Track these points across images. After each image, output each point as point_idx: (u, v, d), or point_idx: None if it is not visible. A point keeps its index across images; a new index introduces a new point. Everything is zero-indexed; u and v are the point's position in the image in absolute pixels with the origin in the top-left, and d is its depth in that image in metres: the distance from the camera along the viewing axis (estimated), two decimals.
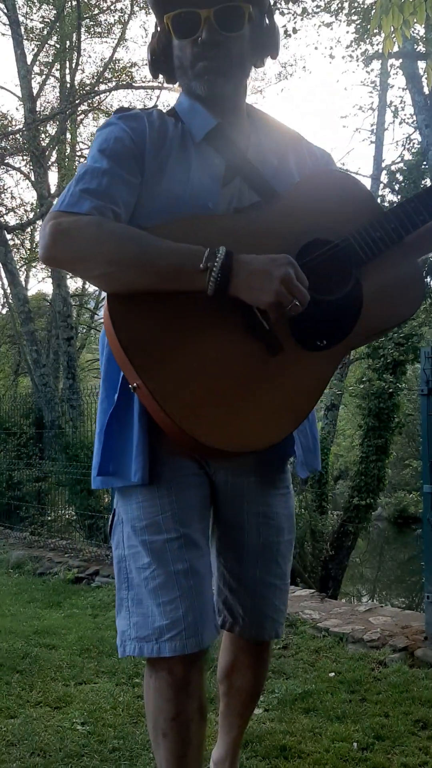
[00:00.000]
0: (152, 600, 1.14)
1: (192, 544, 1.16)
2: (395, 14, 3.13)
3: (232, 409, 1.06)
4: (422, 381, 3.07)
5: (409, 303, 1.15)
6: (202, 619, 1.13)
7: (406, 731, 2.02)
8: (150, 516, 1.17)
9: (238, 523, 1.28)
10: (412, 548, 14.68)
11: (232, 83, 1.18)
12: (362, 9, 7.63)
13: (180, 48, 1.17)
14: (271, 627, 1.31)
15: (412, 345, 8.89)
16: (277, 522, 1.29)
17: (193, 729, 1.15)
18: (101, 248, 1.07)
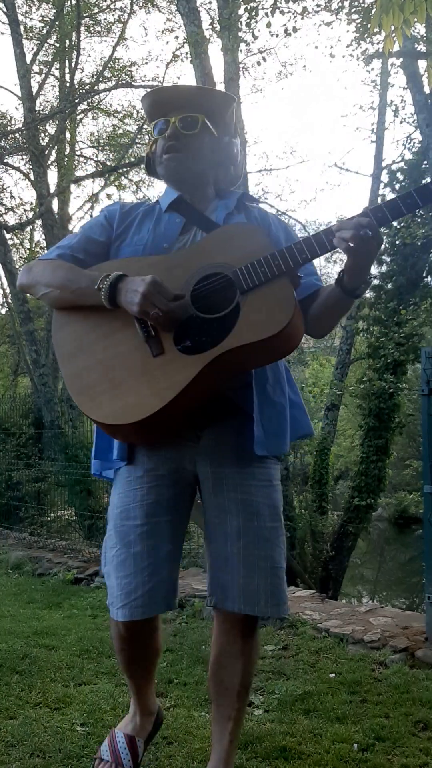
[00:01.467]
0: (114, 574, 1.47)
1: (154, 532, 1.45)
2: (396, 13, 3.12)
3: (120, 393, 1.40)
4: (422, 381, 3.07)
5: (275, 323, 1.33)
6: (149, 594, 1.43)
7: (407, 732, 2.02)
8: (123, 504, 1.49)
9: (222, 508, 1.49)
10: (413, 549, 14.67)
11: (188, 167, 1.58)
12: (363, 8, 7.62)
13: (157, 144, 1.60)
14: (260, 603, 1.45)
15: (412, 345, 8.88)
16: (256, 509, 1.47)
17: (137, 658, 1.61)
18: (43, 276, 1.55)
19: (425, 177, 9.18)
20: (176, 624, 3.41)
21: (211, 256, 1.43)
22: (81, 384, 1.45)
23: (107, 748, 1.64)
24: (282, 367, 1.55)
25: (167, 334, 1.40)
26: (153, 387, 1.37)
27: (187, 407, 1.40)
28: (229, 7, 8.00)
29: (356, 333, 10.71)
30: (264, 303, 1.36)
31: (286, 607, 1.49)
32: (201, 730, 2.00)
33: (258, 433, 1.45)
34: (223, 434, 1.50)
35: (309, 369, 17.89)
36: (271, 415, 1.47)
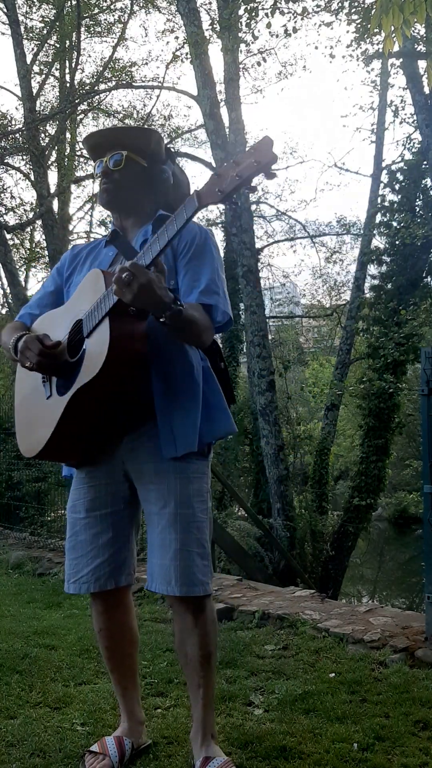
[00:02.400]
0: (67, 557, 1.80)
1: (94, 523, 1.74)
2: (395, 13, 3.12)
3: (30, 430, 1.75)
4: (422, 381, 3.07)
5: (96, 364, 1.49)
6: (92, 573, 1.74)
7: (407, 732, 2.02)
8: (73, 500, 1.80)
9: (144, 499, 1.73)
10: (413, 549, 14.68)
11: (119, 198, 1.79)
12: (362, 8, 7.62)
13: None
14: (171, 582, 1.62)
15: (412, 345, 8.88)
16: (170, 498, 1.65)
17: (113, 639, 1.85)
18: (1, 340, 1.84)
19: (425, 177, 9.19)
20: None
21: (79, 305, 1.66)
22: (17, 421, 1.84)
23: (96, 745, 1.81)
24: (197, 370, 1.66)
25: (51, 381, 1.68)
26: (43, 425, 1.66)
27: (76, 434, 1.67)
28: (229, 7, 8.00)
29: (356, 333, 10.72)
30: (93, 347, 1.54)
31: (199, 588, 1.63)
32: None
33: (163, 436, 1.64)
34: (140, 437, 1.69)
35: (309, 369, 17.89)
36: (178, 417, 1.64)
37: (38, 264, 16.12)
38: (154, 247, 1.46)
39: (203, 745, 1.68)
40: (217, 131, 8.35)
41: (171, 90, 13.94)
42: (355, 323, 10.52)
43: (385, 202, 9.85)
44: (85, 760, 1.76)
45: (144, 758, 1.82)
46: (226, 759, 1.66)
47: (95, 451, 1.75)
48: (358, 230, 13.95)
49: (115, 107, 14.71)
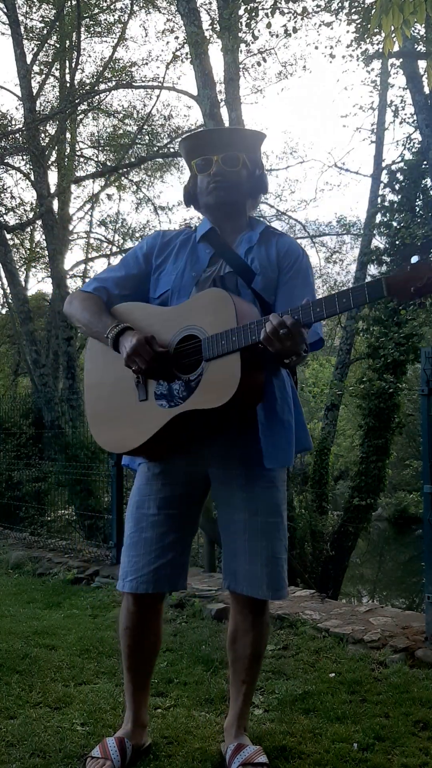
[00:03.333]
0: (126, 553, 1.76)
1: (163, 522, 1.73)
2: (395, 14, 3.12)
3: (114, 426, 1.76)
4: (422, 381, 3.07)
5: (218, 398, 1.55)
6: (154, 573, 1.71)
7: (407, 732, 2.02)
8: (141, 496, 1.78)
9: (230, 505, 1.73)
10: (413, 549, 14.68)
11: (231, 198, 1.80)
12: (362, 8, 7.62)
13: (200, 180, 1.83)
14: (262, 587, 1.69)
15: (412, 345, 8.88)
16: (259, 506, 1.70)
17: (138, 639, 1.81)
18: (76, 312, 1.83)
19: (425, 177, 9.19)
20: (176, 624, 3.41)
21: (195, 317, 1.66)
22: (93, 411, 1.82)
23: (97, 749, 1.80)
24: (289, 389, 1.74)
25: (150, 384, 1.70)
26: (135, 428, 1.69)
27: (165, 442, 1.69)
28: (229, 7, 8.00)
29: (356, 333, 10.72)
30: (217, 375, 1.58)
31: (284, 591, 1.73)
32: (201, 730, 2.00)
33: (266, 449, 1.66)
34: (235, 443, 1.72)
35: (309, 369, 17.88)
36: (280, 431, 1.68)
37: (38, 264, 16.13)
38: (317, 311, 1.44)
39: (237, 735, 1.79)
40: None
41: (171, 90, 13.95)
42: (355, 323, 10.52)
43: (385, 202, 9.85)
44: (86, 765, 1.75)
45: (144, 758, 1.82)
46: (258, 747, 1.77)
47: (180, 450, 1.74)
48: (358, 230, 13.96)
49: (115, 107, 14.74)
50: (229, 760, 1.74)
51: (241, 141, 1.82)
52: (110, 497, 5.13)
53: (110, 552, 4.92)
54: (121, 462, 1.91)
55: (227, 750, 1.77)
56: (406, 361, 9.13)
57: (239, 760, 1.71)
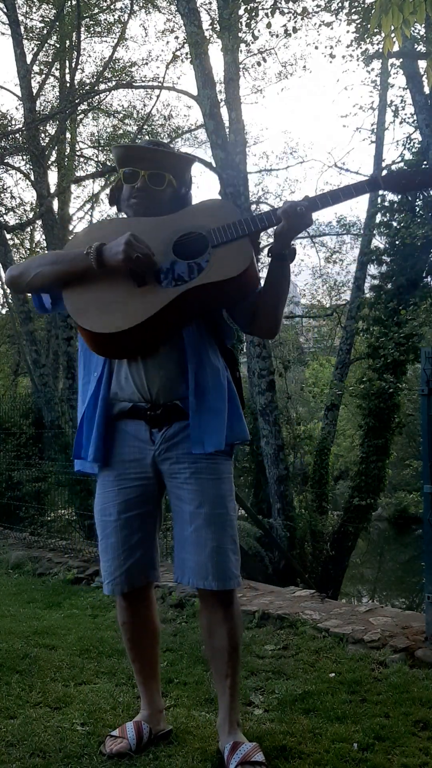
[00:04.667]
0: (101, 559, 1.89)
1: (125, 525, 1.82)
2: (395, 13, 3.12)
3: (105, 311, 1.73)
4: (422, 381, 3.07)
5: (235, 269, 1.70)
6: (127, 573, 1.83)
7: (407, 732, 2.02)
8: (102, 503, 1.86)
9: (178, 497, 1.80)
10: (412, 549, 14.68)
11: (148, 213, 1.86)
12: (362, 8, 7.62)
13: (125, 189, 1.92)
14: (205, 578, 1.74)
15: (412, 345, 8.88)
16: (204, 498, 1.76)
17: (136, 632, 1.93)
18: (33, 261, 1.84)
19: None
20: (176, 624, 3.41)
21: (189, 221, 1.80)
22: (78, 307, 1.78)
23: (117, 730, 1.91)
24: (224, 379, 1.82)
25: (149, 275, 1.74)
26: (135, 307, 1.71)
27: (157, 330, 1.73)
28: (230, 7, 8.00)
29: (356, 333, 10.72)
30: (229, 254, 1.72)
31: (233, 581, 1.77)
32: (201, 730, 2.00)
33: (194, 435, 1.75)
34: (173, 437, 1.79)
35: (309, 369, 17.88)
36: (208, 418, 1.75)
37: None
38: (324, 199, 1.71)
39: (231, 732, 1.80)
40: (217, 131, 8.35)
41: (171, 90, 13.93)
42: (355, 323, 10.52)
43: (385, 202, 9.85)
44: (105, 742, 1.87)
45: (144, 758, 1.83)
46: (254, 744, 1.77)
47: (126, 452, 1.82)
48: (358, 230, 13.96)
49: (115, 107, 14.74)
50: (226, 760, 1.74)
51: (170, 162, 1.90)
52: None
53: None
54: (74, 468, 1.94)
55: (224, 749, 1.78)
56: (406, 361, 9.13)
57: (236, 759, 1.71)
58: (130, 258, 1.69)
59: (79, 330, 1.79)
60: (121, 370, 1.82)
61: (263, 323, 1.89)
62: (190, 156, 1.99)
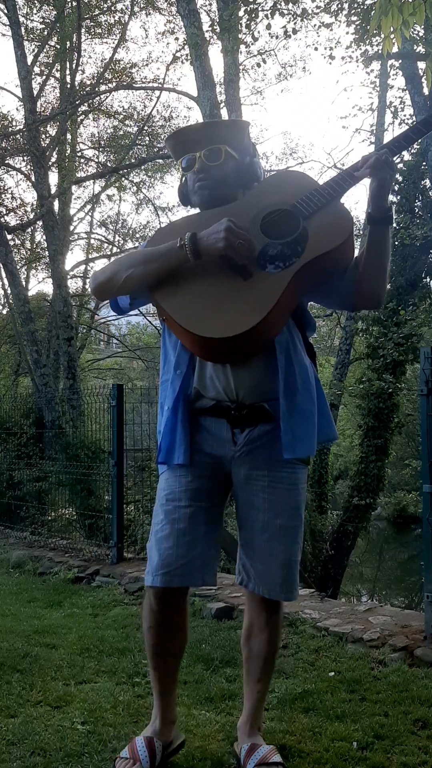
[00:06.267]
0: (156, 546, 1.68)
1: (195, 514, 1.67)
2: (395, 15, 3.13)
3: (216, 312, 1.57)
4: (422, 381, 3.08)
5: (338, 236, 1.60)
6: (186, 566, 1.64)
7: (406, 730, 2.03)
8: (170, 488, 1.72)
9: (251, 504, 1.71)
10: (412, 548, 14.68)
11: (218, 194, 1.75)
12: (362, 10, 7.62)
13: (189, 179, 1.80)
14: (276, 588, 1.70)
15: (411, 345, 8.89)
16: (280, 509, 1.69)
17: (163, 637, 1.73)
18: (120, 263, 1.71)
19: (424, 178, 9.20)
20: None
21: (267, 199, 1.69)
22: (182, 310, 1.61)
23: (126, 750, 1.73)
24: (312, 378, 1.72)
25: (250, 264, 1.60)
26: (250, 303, 1.56)
27: (276, 322, 1.60)
28: (229, 8, 8.01)
29: (355, 333, 10.73)
30: (327, 221, 1.62)
31: (296, 593, 1.74)
32: (201, 729, 2.01)
33: (285, 439, 1.64)
34: (257, 440, 1.69)
35: None
36: (299, 422, 1.65)
37: (39, 264, 16.13)
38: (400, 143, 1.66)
39: (251, 735, 1.79)
40: None
41: (171, 91, 13.95)
42: (355, 323, 10.53)
43: None
44: (115, 765, 1.70)
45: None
46: (272, 747, 1.76)
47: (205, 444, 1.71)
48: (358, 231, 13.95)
49: (116, 108, 14.74)
50: (243, 761, 1.73)
51: (221, 133, 1.78)
52: (111, 497, 5.14)
53: (110, 551, 4.93)
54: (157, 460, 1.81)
55: (241, 750, 1.76)
56: (405, 361, 9.14)
57: (254, 761, 1.69)
58: (232, 246, 1.57)
59: (181, 333, 1.63)
60: (205, 368, 1.69)
61: (372, 291, 1.72)
62: (238, 121, 1.88)
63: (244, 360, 1.64)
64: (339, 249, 1.60)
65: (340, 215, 1.63)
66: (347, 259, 1.66)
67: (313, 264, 1.58)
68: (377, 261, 1.68)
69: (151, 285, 1.65)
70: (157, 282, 1.65)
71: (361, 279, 1.70)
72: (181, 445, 1.70)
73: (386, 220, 1.64)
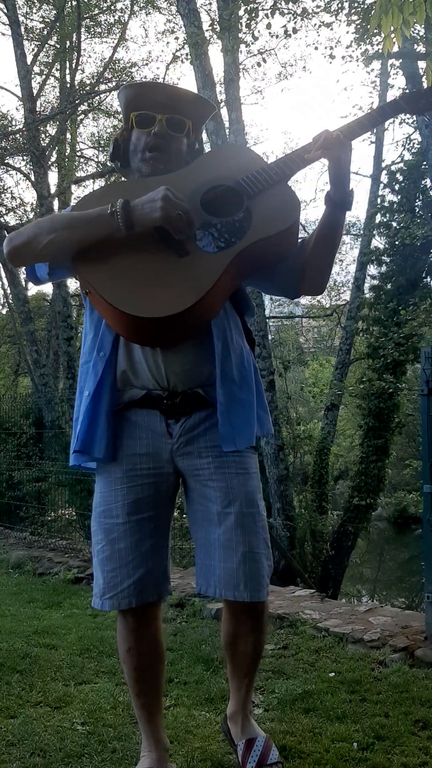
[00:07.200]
0: (99, 569, 1.57)
1: (136, 529, 1.54)
2: (395, 14, 3.12)
3: (148, 290, 1.43)
4: (422, 381, 3.07)
5: (284, 220, 1.50)
6: (136, 585, 1.52)
7: (406, 731, 2.02)
8: (106, 504, 1.58)
9: (203, 496, 1.56)
10: (412, 548, 14.67)
11: (167, 165, 1.59)
12: (362, 9, 7.62)
13: (136, 137, 1.62)
14: (236, 587, 1.50)
15: (411, 345, 8.89)
16: (234, 496, 1.53)
17: (144, 659, 1.61)
18: (42, 226, 1.50)
19: (425, 178, 9.19)
20: (176, 623, 3.42)
21: (209, 172, 1.57)
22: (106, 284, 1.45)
23: None
24: (251, 366, 1.60)
25: (188, 240, 1.47)
26: (186, 282, 1.43)
27: (212, 307, 1.49)
28: (229, 8, 8.01)
29: (356, 333, 10.73)
30: (273, 203, 1.51)
31: (264, 592, 1.53)
32: (201, 729, 2.01)
33: (224, 431, 1.52)
34: (194, 428, 1.55)
35: (309, 369, 17.89)
36: (238, 412, 1.53)
37: None
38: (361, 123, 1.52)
39: (244, 725, 1.70)
40: (218, 132, 8.35)
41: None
42: (355, 323, 10.54)
43: (384, 202, 9.87)
44: None
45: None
46: (266, 736, 1.70)
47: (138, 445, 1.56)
48: (358, 230, 13.96)
49: (116, 108, 14.73)
50: (242, 760, 1.64)
51: (190, 107, 1.62)
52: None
53: None
54: (70, 462, 1.65)
55: (238, 747, 1.68)
56: (405, 361, 9.14)
57: (253, 761, 1.61)
58: (169, 217, 1.41)
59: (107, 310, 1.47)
60: (133, 350, 1.54)
61: (317, 277, 1.63)
62: (211, 103, 1.72)
63: (174, 344, 1.50)
64: (283, 234, 1.49)
65: (288, 199, 1.52)
66: (291, 245, 1.55)
67: (256, 247, 1.47)
68: (327, 246, 1.59)
69: (75, 254, 1.48)
70: (81, 251, 1.48)
71: (307, 265, 1.60)
72: (103, 438, 1.54)
73: (342, 204, 1.52)
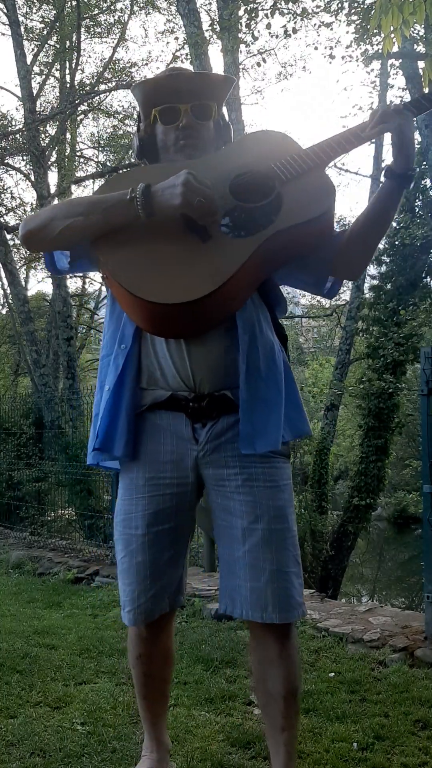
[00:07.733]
0: (120, 581, 1.53)
1: (155, 541, 1.47)
2: (395, 14, 3.12)
3: (165, 276, 1.36)
4: (422, 381, 3.07)
5: (317, 207, 1.41)
6: (152, 600, 1.48)
7: (406, 731, 2.02)
8: (127, 513, 1.50)
9: (227, 510, 1.45)
10: (412, 548, 14.68)
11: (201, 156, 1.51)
12: (362, 9, 7.62)
13: (163, 132, 1.54)
14: (264, 608, 1.39)
15: (411, 345, 8.89)
16: (260, 510, 1.41)
17: (154, 666, 1.60)
18: (58, 210, 1.43)
19: (425, 178, 9.20)
20: (176, 623, 3.42)
21: (241, 157, 1.49)
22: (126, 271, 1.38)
23: None
24: (280, 363, 1.47)
25: (212, 226, 1.40)
26: (206, 269, 1.35)
27: (235, 297, 1.40)
28: (229, 8, 8.01)
29: (356, 333, 10.73)
30: (306, 189, 1.43)
31: (296, 612, 1.43)
32: (201, 729, 2.01)
33: (243, 431, 1.40)
34: (221, 435, 1.44)
35: (309, 369, 17.90)
36: (261, 411, 1.41)
37: (38, 264, 16.13)
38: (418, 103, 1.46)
39: None
40: None
41: None
42: (355, 323, 10.54)
43: None
44: None
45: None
46: None
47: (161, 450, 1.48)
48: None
49: (116, 108, 14.74)
50: None
51: (213, 88, 1.54)
52: (110, 497, 5.14)
53: (110, 552, 4.93)
54: (87, 461, 1.58)
55: None
56: (405, 361, 9.14)
57: None
58: (190, 203, 1.34)
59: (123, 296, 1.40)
60: (157, 346, 1.44)
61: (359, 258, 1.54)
62: (229, 78, 1.61)
63: (194, 335, 1.41)
64: (315, 221, 1.40)
65: (322, 184, 1.43)
66: (323, 235, 1.45)
67: (284, 235, 1.39)
68: (378, 224, 1.48)
69: (90, 240, 1.42)
70: (97, 237, 1.41)
71: (351, 243, 1.50)
72: (123, 435, 1.46)
73: (405, 177, 1.42)
